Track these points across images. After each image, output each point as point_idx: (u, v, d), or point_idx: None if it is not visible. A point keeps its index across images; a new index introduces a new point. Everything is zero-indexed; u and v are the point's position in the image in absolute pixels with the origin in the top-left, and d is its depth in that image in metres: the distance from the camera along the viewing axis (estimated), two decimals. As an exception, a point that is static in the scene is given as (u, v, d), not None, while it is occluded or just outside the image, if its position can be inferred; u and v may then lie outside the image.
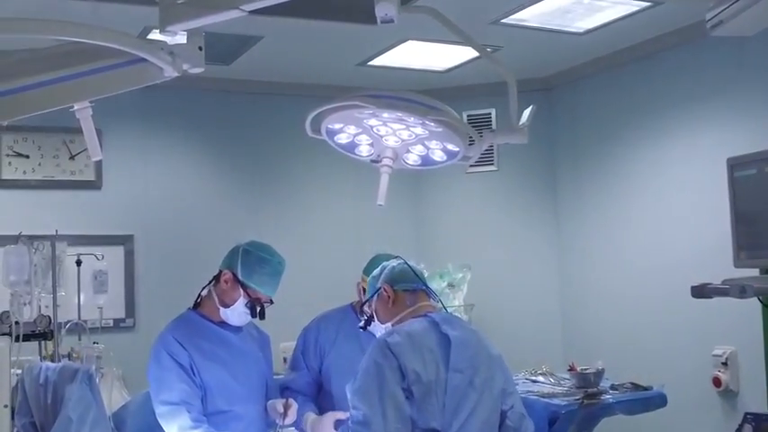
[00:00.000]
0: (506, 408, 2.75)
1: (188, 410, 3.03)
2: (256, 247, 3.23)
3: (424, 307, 2.89)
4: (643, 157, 5.52)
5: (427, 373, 2.63)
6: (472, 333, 2.85)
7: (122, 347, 5.33)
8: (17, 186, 5.59)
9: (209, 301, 3.25)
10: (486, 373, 2.72)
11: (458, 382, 2.65)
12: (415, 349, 2.66)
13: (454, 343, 2.70)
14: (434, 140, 2.52)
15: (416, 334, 2.71)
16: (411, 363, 2.62)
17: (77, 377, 2.28)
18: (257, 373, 3.30)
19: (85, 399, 2.19)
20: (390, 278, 2.95)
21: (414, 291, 2.92)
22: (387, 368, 2.61)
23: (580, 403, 3.56)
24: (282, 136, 6.24)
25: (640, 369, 4.67)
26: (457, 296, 6.11)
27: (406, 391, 2.60)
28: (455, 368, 2.67)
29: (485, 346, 2.81)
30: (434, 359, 2.67)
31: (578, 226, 6.12)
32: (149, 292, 5.84)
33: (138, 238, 5.87)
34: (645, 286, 5.41)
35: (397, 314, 2.90)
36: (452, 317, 2.92)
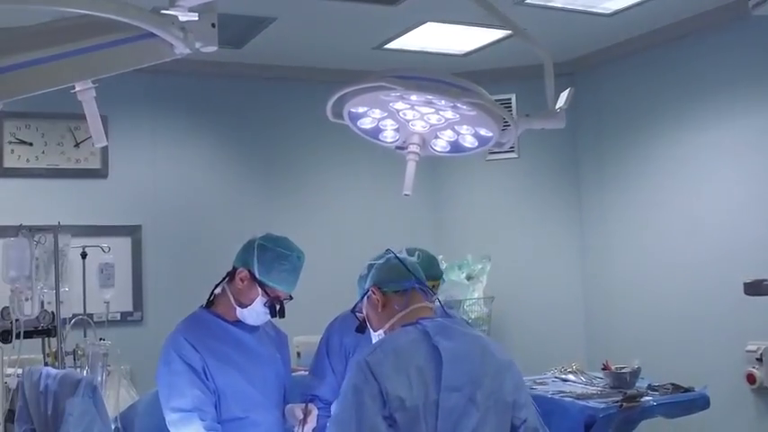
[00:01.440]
0: (518, 422, 2.40)
1: (201, 418, 2.81)
2: (273, 241, 3.00)
3: (417, 311, 2.53)
4: (672, 146, 5.32)
5: (413, 397, 2.28)
6: (474, 341, 2.47)
7: (130, 342, 5.19)
8: (20, 175, 5.42)
9: (223, 299, 3.03)
10: (492, 385, 2.37)
11: (453, 403, 2.31)
12: (399, 370, 2.31)
13: (446, 358, 2.33)
14: (466, 125, 2.37)
15: (402, 350, 2.37)
16: (394, 387, 2.28)
17: (80, 389, 2.05)
18: (275, 376, 3.08)
19: (88, 414, 1.97)
20: (378, 278, 2.61)
21: (404, 291, 2.55)
22: (366, 395, 2.28)
23: (619, 406, 3.34)
24: (296, 122, 6.08)
25: (669, 366, 4.48)
26: (476, 288, 5.95)
27: (388, 419, 2.26)
28: (449, 387, 2.31)
29: (490, 353, 2.44)
30: (423, 379, 2.31)
31: (602, 216, 5.92)
32: (158, 285, 5.68)
33: (145, 229, 5.71)
34: (673, 279, 5.22)
35: (388, 320, 2.55)
36: (450, 322, 2.52)
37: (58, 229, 3.26)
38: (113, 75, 1.95)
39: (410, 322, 2.47)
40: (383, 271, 2.60)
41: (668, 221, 5.31)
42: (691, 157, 5.18)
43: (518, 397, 2.42)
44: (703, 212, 5.05)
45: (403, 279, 2.56)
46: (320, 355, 3.35)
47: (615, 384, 3.75)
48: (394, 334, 2.51)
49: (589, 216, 6.08)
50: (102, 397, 2.04)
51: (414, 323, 2.45)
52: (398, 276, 2.57)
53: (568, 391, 3.73)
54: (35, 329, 3.66)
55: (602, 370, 3.87)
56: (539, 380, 4.06)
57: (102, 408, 2.04)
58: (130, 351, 5.17)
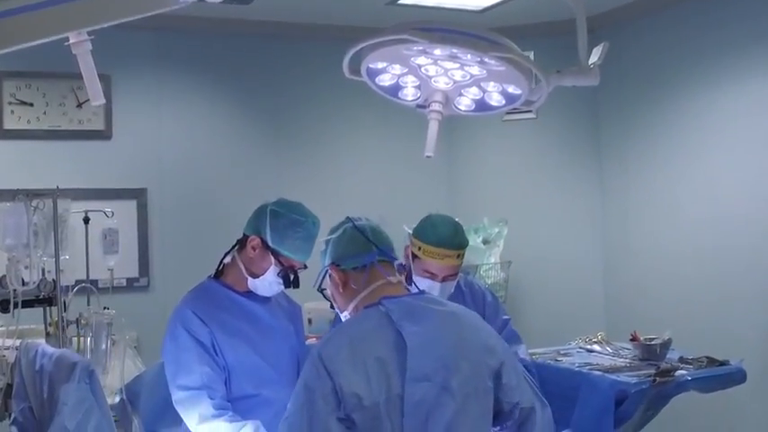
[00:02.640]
0: (509, 406, 2.13)
1: (210, 396, 2.63)
2: (286, 207, 2.80)
3: (379, 290, 2.20)
4: (698, 106, 5.12)
5: (372, 394, 1.99)
6: (448, 319, 2.16)
7: (136, 309, 5.16)
8: (21, 137, 5.28)
9: (233, 269, 2.84)
10: (472, 369, 2.08)
11: (421, 395, 2.01)
12: (356, 362, 2.02)
13: (412, 344, 2.04)
14: (493, 82, 2.19)
15: (359, 338, 2.08)
16: (350, 383, 1.99)
17: (75, 374, 1.84)
18: (288, 350, 2.89)
19: (85, 402, 1.77)
20: (335, 254, 2.28)
21: (363, 268, 2.23)
22: (318, 394, 2.00)
23: (652, 381, 3.16)
24: (306, 82, 5.94)
25: (694, 337, 4.30)
26: (493, 253, 5.82)
27: (345, 422, 1.98)
28: (415, 377, 2.01)
29: (469, 332, 2.16)
30: (384, 372, 2.02)
31: (623, 179, 5.75)
32: (164, 250, 5.55)
33: (151, 192, 5.57)
34: (697, 246, 5.05)
35: (351, 301, 2.25)
36: (419, 300, 2.21)
37: (56, 194, 3.06)
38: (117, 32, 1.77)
39: (372, 303, 2.17)
40: (340, 245, 2.28)
41: (694, 184, 5.12)
42: (718, 118, 4.97)
43: (507, 379, 2.13)
44: (732, 176, 4.86)
45: (363, 253, 2.23)
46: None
47: (644, 356, 3.56)
48: (351, 319, 2.24)
49: (609, 178, 5.90)
50: (100, 382, 1.84)
51: (376, 304, 2.16)
52: (357, 250, 2.24)
53: (595, 364, 3.55)
54: (36, 298, 3.48)
55: (631, 341, 3.69)
56: (563, 350, 3.89)
57: (100, 394, 1.84)
58: (137, 318, 5.09)
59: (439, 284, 3.03)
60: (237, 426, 2.59)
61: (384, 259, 2.25)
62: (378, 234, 2.29)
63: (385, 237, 2.30)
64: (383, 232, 2.32)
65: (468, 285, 3.29)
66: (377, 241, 2.26)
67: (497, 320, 3.25)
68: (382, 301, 2.16)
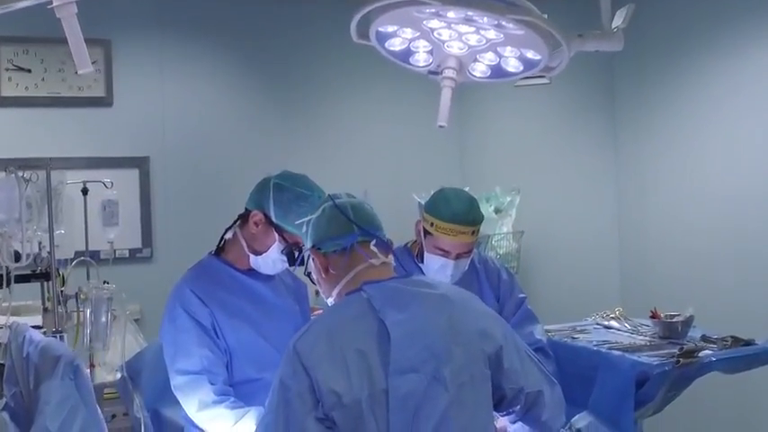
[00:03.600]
0: (512, 392, 1.99)
1: (211, 381, 2.50)
2: (291, 180, 2.64)
3: (361, 274, 2.04)
4: (718, 72, 4.91)
5: (353, 390, 1.83)
6: (437, 304, 2.00)
7: (139, 280, 5.07)
8: (18, 104, 5.15)
9: (234, 245, 2.70)
10: (467, 355, 1.92)
11: (408, 389, 1.85)
12: (334, 356, 1.86)
13: (396, 334, 1.89)
14: (510, 47, 2.04)
15: (338, 329, 1.92)
16: (328, 379, 1.84)
17: (58, 369, 1.68)
18: (293, 330, 2.64)
19: (69, 400, 1.61)
20: (315, 236, 2.11)
21: (343, 251, 2.06)
22: (294, 392, 1.85)
23: (675, 362, 3.01)
24: (313, 46, 5.78)
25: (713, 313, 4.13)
26: (505, 222, 5.68)
27: (324, 422, 1.83)
28: (401, 369, 1.85)
29: (463, 315, 2.00)
30: (366, 365, 1.86)
31: (639, 147, 5.57)
32: (168, 220, 5.43)
33: (154, 161, 5.44)
34: (717, 218, 4.87)
35: (335, 287, 2.09)
36: (404, 284, 2.04)
37: (49, 165, 2.90)
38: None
39: (354, 289, 2.02)
40: (319, 226, 2.11)
41: (714, 154, 4.94)
42: (741, 86, 4.78)
43: (509, 363, 1.98)
44: (754, 147, 4.68)
45: (343, 234, 2.06)
46: None
47: (665, 334, 3.41)
48: (330, 308, 2.09)
49: (625, 146, 5.72)
50: (87, 377, 1.69)
51: (358, 291, 2.00)
52: (337, 231, 2.07)
53: (614, 342, 3.40)
54: (32, 273, 3.34)
55: (651, 318, 3.54)
56: (579, 327, 3.74)
57: (86, 390, 1.68)
58: (140, 290, 5.00)
59: (452, 262, 2.88)
60: (240, 413, 2.47)
61: (366, 240, 2.07)
62: (360, 212, 2.11)
63: (369, 215, 2.13)
64: (367, 210, 2.14)
65: (482, 262, 3.14)
66: (359, 220, 2.08)
67: (513, 299, 3.11)
68: (363, 286, 2.00)
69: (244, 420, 2.45)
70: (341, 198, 2.14)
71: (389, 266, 2.10)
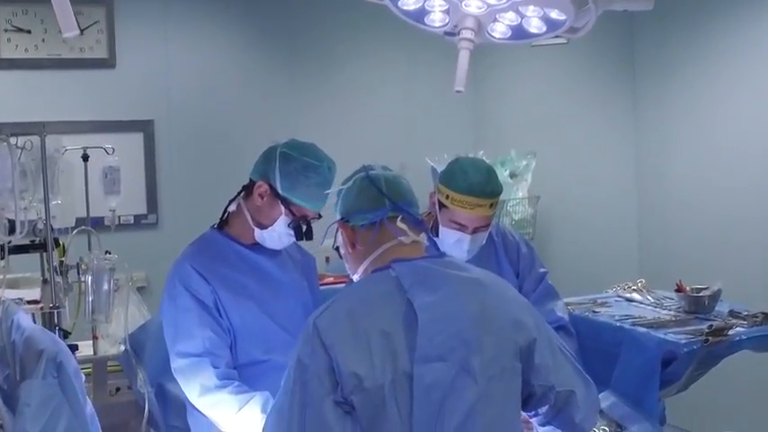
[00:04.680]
0: (541, 390, 1.85)
1: (213, 364, 2.36)
2: (298, 149, 2.48)
3: (390, 252, 1.91)
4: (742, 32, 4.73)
5: (375, 375, 1.70)
6: (469, 287, 1.86)
7: (144, 247, 5.02)
8: (18, 66, 5.04)
9: (238, 218, 2.55)
10: (498, 346, 1.78)
11: (434, 378, 1.72)
12: (357, 336, 1.74)
13: (424, 318, 1.75)
14: (532, 6, 1.92)
15: (363, 308, 1.80)
16: (349, 360, 1.71)
17: (39, 367, 1.52)
18: (301, 308, 2.60)
19: (52, 401, 1.46)
20: (344, 208, 1.98)
21: (372, 225, 1.93)
22: (312, 373, 1.72)
23: (704, 341, 2.86)
24: (323, 4, 5.64)
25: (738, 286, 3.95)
26: (520, 187, 5.58)
27: (343, 405, 1.71)
28: (427, 356, 1.72)
29: (495, 302, 1.85)
30: (390, 348, 1.73)
31: (660, 109, 5.39)
32: (173, 185, 5.32)
33: (158, 124, 5.34)
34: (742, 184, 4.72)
35: (361, 262, 1.96)
36: (437, 264, 1.90)
37: (44, 131, 2.75)
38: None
39: (382, 267, 1.89)
40: (350, 198, 1.98)
41: (738, 116, 4.77)
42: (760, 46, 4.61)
43: (540, 358, 1.83)
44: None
45: (373, 208, 1.93)
46: None
47: (691, 309, 3.25)
48: (355, 284, 1.96)
49: (645, 107, 5.54)
50: (74, 373, 1.54)
51: (386, 268, 1.87)
52: (368, 204, 1.94)
53: (637, 317, 3.24)
54: (31, 243, 3.21)
55: (676, 291, 3.38)
56: (600, 300, 3.57)
57: (71, 389, 1.52)
58: (145, 257, 4.92)
59: (469, 237, 2.71)
60: (244, 398, 2.33)
61: (398, 216, 1.94)
62: (394, 186, 1.97)
63: (403, 189, 1.99)
64: (403, 184, 2.00)
65: (500, 235, 2.97)
66: (391, 194, 1.95)
67: (533, 274, 2.95)
68: (392, 264, 1.86)
69: (248, 406, 2.32)
70: (375, 170, 2.00)
71: (421, 246, 1.96)
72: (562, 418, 1.89)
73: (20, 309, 2.17)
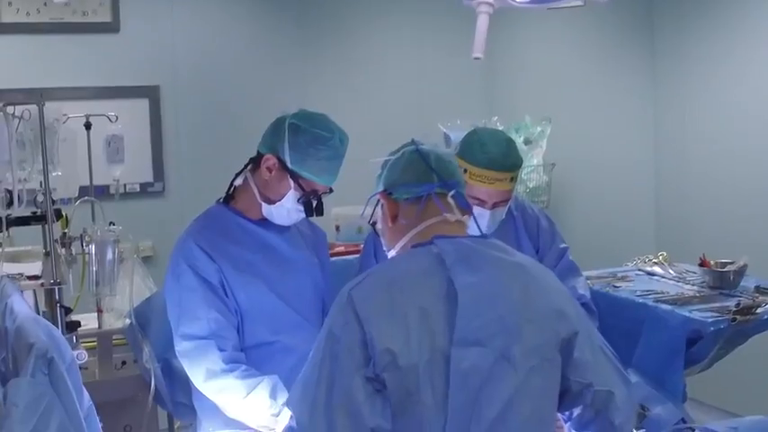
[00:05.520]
0: (579, 386, 1.75)
1: (219, 347, 2.27)
2: (309, 120, 2.36)
3: (433, 228, 1.83)
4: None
5: (411, 353, 1.62)
6: (513, 271, 1.78)
7: (151, 216, 4.97)
8: (19, 31, 4.90)
9: (245, 193, 2.43)
10: (539, 336, 1.70)
11: (471, 363, 1.63)
12: (394, 310, 1.65)
13: (465, 298, 1.66)
14: None
15: (402, 282, 1.71)
16: (384, 335, 1.62)
17: (28, 364, 1.41)
18: (312, 286, 2.50)
19: (42, 400, 1.34)
20: (389, 180, 1.91)
21: (417, 199, 1.85)
22: (343, 346, 1.64)
23: (731, 320, 2.74)
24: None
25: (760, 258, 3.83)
26: (535, 153, 5.46)
27: (373, 382, 1.62)
28: (464, 340, 1.64)
29: (538, 289, 1.76)
30: (429, 326, 1.65)
31: (679, 74, 5.26)
32: (180, 152, 5.22)
33: (164, 90, 5.22)
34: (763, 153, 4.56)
35: (400, 237, 1.88)
36: (481, 244, 1.81)
37: (42, 101, 2.62)
38: None
39: (423, 242, 1.81)
40: (396, 170, 1.90)
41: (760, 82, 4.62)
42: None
43: (580, 352, 1.74)
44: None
45: (420, 182, 1.86)
46: (366, 257, 2.76)
47: (715, 284, 3.14)
48: (395, 258, 1.88)
49: (663, 73, 5.40)
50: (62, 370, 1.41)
51: (428, 243, 1.80)
52: (414, 177, 1.86)
53: (660, 292, 3.13)
54: (32, 215, 3.10)
55: (699, 266, 3.26)
56: (620, 273, 3.46)
57: (63, 386, 1.39)
58: (152, 226, 4.85)
59: (488, 212, 2.58)
60: (251, 383, 2.23)
61: (445, 193, 1.85)
62: (443, 163, 1.89)
63: (453, 167, 1.91)
64: (452, 162, 1.93)
65: (519, 209, 2.85)
66: (440, 170, 1.86)
67: (553, 250, 2.83)
68: (435, 240, 1.78)
69: (256, 392, 2.22)
70: (425, 145, 1.92)
71: (464, 227, 1.88)
72: (600, 422, 1.78)
73: (15, 290, 2.06)
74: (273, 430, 2.21)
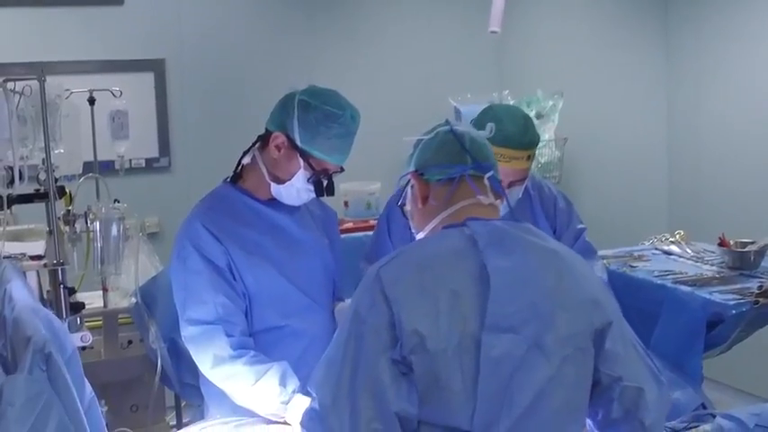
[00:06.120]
0: (608, 379, 1.67)
1: (227, 332, 2.19)
2: (319, 96, 2.27)
3: (466, 210, 1.77)
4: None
5: (441, 335, 1.56)
6: (547, 257, 1.71)
7: (157, 191, 4.90)
8: (20, 3, 4.71)
9: (253, 172, 2.35)
10: (573, 325, 1.63)
11: (503, 351, 1.57)
12: (424, 291, 1.60)
13: (497, 282, 1.61)
14: None
15: (433, 263, 1.65)
16: (413, 316, 1.57)
17: (25, 359, 1.33)
18: (322, 268, 2.42)
19: (40, 398, 1.26)
20: (421, 160, 1.85)
21: (450, 181, 1.79)
22: (370, 326, 1.59)
23: (753, 302, 2.67)
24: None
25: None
26: (547, 128, 5.35)
27: (400, 365, 1.57)
28: (496, 326, 1.58)
29: (572, 277, 1.70)
30: (460, 309, 1.59)
31: (694, 46, 5.21)
32: (186, 127, 5.11)
33: (170, 63, 5.06)
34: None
35: (430, 219, 1.82)
36: (514, 228, 1.75)
37: (43, 77, 2.53)
38: None
39: (455, 224, 1.76)
40: (429, 150, 1.84)
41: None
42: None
43: (612, 344, 1.67)
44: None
45: (453, 163, 1.80)
46: (380, 235, 2.69)
47: (735, 265, 3.07)
48: (425, 239, 1.82)
49: (677, 46, 5.34)
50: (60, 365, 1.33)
51: (460, 225, 1.74)
52: (447, 158, 1.81)
53: (678, 272, 3.06)
54: (36, 193, 3.03)
55: (719, 246, 3.18)
56: (636, 253, 3.39)
57: (62, 381, 1.31)
58: (158, 201, 4.78)
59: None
60: (260, 369, 2.16)
61: (479, 175, 1.80)
62: (478, 145, 1.83)
63: (488, 150, 1.86)
64: (487, 145, 1.87)
65: (536, 188, 2.77)
66: (474, 152, 1.81)
67: (570, 230, 2.75)
68: (468, 222, 1.73)
69: (265, 378, 2.15)
70: (459, 126, 1.87)
71: (497, 211, 1.82)
72: (630, 422, 1.70)
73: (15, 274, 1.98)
74: (283, 419, 2.14)
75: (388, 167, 4.99)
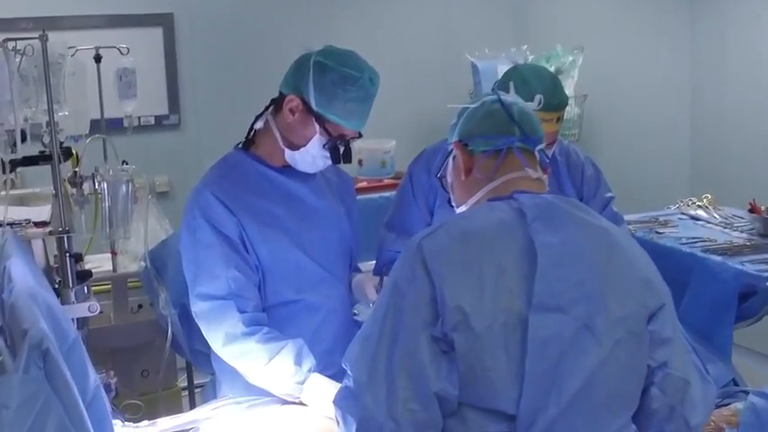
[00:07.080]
0: (654, 363, 1.58)
1: (239, 308, 2.09)
2: (336, 58, 2.14)
3: (513, 183, 1.69)
4: None
5: (485, 313, 1.47)
6: (597, 234, 1.62)
7: (167, 149, 4.79)
8: None
9: (266, 137, 2.23)
10: (624, 307, 1.54)
11: (552, 332, 1.49)
12: (469, 265, 1.51)
13: (545, 258, 1.52)
14: None
15: (479, 235, 1.56)
16: (456, 291, 1.48)
17: (21, 356, 1.22)
18: (338, 238, 2.31)
19: (37, 399, 1.16)
20: (464, 130, 1.77)
21: (497, 153, 1.71)
22: (410, 301, 1.51)
23: (788, 273, 2.57)
24: None
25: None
26: (566, 85, 5.16)
27: (441, 343, 1.48)
28: (543, 305, 1.49)
29: (623, 257, 1.60)
30: (507, 285, 1.50)
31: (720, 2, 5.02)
32: (196, 83, 4.95)
33: (178, 17, 4.89)
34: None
35: (474, 192, 1.74)
36: (563, 202, 1.67)
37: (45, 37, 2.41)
38: None
39: (501, 196, 1.67)
40: (474, 120, 1.76)
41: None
42: None
43: (660, 326, 1.57)
44: None
45: (500, 134, 1.71)
46: (404, 197, 2.58)
47: (766, 232, 2.95)
48: (470, 210, 1.72)
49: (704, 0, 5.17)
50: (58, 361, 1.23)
51: (507, 197, 1.65)
52: (494, 129, 1.72)
53: (707, 239, 2.94)
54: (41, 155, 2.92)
55: (749, 212, 3.07)
56: (662, 218, 3.27)
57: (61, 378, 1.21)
58: (168, 160, 4.68)
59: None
60: (274, 347, 2.06)
61: (528, 148, 1.72)
62: (526, 116, 1.75)
63: (535, 123, 1.77)
64: (534, 118, 1.78)
65: (563, 154, 2.64)
66: (522, 124, 1.73)
67: (597, 199, 2.64)
68: (515, 194, 1.65)
69: (279, 357, 2.05)
70: (507, 96, 1.79)
71: (544, 185, 1.74)
72: (676, 421, 1.60)
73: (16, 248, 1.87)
74: (299, 399, 2.05)
75: (403, 125, 4.87)
